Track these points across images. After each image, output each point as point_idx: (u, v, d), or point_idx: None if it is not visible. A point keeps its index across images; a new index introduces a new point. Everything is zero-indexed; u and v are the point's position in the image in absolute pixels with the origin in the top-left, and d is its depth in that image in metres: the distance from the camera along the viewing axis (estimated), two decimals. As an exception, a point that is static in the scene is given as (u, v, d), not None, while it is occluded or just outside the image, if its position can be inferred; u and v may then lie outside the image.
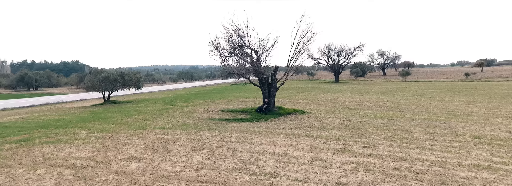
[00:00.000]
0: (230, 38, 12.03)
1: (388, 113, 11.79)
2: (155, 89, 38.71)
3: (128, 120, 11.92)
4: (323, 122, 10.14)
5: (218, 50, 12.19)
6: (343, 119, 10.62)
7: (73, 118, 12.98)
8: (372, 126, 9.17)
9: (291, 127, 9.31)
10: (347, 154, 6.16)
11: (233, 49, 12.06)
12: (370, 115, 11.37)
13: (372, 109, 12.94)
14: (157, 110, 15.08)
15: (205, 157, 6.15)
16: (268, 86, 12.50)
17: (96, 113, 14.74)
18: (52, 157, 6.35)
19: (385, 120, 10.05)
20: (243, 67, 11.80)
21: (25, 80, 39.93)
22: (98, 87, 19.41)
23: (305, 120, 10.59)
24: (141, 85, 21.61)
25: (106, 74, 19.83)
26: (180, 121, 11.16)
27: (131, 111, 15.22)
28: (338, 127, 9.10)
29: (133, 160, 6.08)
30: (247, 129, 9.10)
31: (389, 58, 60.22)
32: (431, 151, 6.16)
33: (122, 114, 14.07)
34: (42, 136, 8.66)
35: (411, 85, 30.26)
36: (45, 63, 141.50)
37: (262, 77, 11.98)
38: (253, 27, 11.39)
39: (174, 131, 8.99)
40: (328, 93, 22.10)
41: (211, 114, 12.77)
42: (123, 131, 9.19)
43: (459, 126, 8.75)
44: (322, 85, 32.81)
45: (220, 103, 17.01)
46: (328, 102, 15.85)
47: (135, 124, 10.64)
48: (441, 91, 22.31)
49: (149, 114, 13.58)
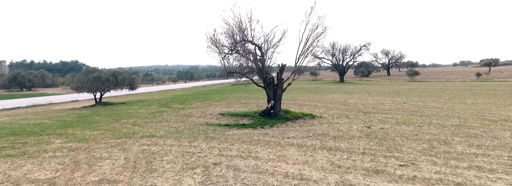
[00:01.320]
0: (231, 33, 10.62)
1: (411, 117, 10.36)
2: (153, 89, 37.34)
3: (116, 125, 10.53)
4: (339, 129, 8.72)
5: (217, 47, 10.78)
6: (361, 125, 9.20)
7: (55, 123, 11.60)
8: (399, 134, 7.74)
9: (303, 136, 7.89)
10: (382, 176, 4.73)
11: (234, 46, 10.65)
12: (390, 120, 9.93)
13: (391, 113, 11.50)
14: (150, 113, 13.68)
15: (198, 180, 4.74)
16: (273, 87, 11.09)
17: (83, 116, 13.36)
18: (1, 179, 4.94)
19: (411, 127, 8.62)
20: (246, 65, 10.38)
21: (18, 80, 38.27)
22: (88, 87, 18.03)
23: (317, 126, 9.17)
24: (135, 85, 20.21)
25: (98, 74, 18.43)
26: (173, 127, 9.76)
27: (121, 114, 13.83)
28: (358, 136, 7.68)
29: (104, 184, 4.66)
30: (251, 138, 7.69)
31: (394, 58, 58.68)
32: (493, 173, 4.73)
33: (111, 117, 12.68)
34: (7, 147, 7.26)
35: (422, 86, 28.70)
36: (44, 63, 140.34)
37: (266, 77, 10.56)
38: (257, 19, 9.95)
39: (165, 141, 7.59)
40: (335, 93, 20.66)
41: (210, 118, 11.36)
42: (104, 140, 7.78)
43: (506, 135, 7.31)
44: (328, 86, 31.34)
45: (219, 105, 15.60)
46: (339, 104, 14.42)
47: (122, 131, 9.24)
48: (457, 92, 20.82)
49: (141, 117, 12.18)
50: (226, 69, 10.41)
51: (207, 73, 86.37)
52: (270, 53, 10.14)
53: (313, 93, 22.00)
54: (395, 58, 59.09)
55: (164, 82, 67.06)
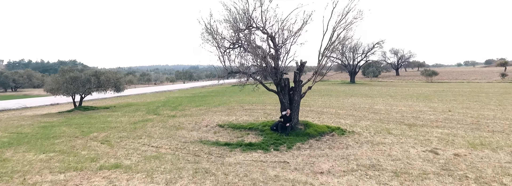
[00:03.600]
0: (234, 21, 7.86)
1: (481, 134, 7.59)
2: (147, 90, 34.60)
3: (79, 142, 7.83)
4: (391, 154, 5.97)
5: (215, 39, 8.03)
6: (420, 147, 6.44)
7: (6, 136, 8.94)
8: (496, 168, 4.98)
9: (343, 169, 5.15)
10: None
11: (237, 36, 7.90)
12: (455, 139, 7.17)
13: (445, 126, 8.74)
14: (132, 122, 10.96)
15: None
16: (289, 92, 8.34)
17: (47, 127, 10.66)
18: None
19: (501, 153, 5.86)
20: (253, 63, 7.63)
21: (1, 80, 35.39)
22: (65, 89, 15.29)
23: (356, 150, 6.42)
24: (122, 87, 17.47)
25: (76, 74, 15.70)
26: (153, 147, 7.05)
27: (97, 123, 11.12)
28: (432, 172, 4.93)
29: None
30: (265, 174, 4.97)
31: (404, 57, 55.74)
32: None
33: (81, 128, 10.01)
34: None
35: (447, 88, 25.50)
36: (42, 62, 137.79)
37: (281, 80, 7.80)
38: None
39: (131, 176, 4.86)
40: (353, 97, 17.86)
41: (205, 132, 8.64)
42: (40, 175, 5.06)
43: None
44: (339, 87, 28.44)
45: (218, 111, 12.87)
46: (367, 112, 11.65)
47: (79, 154, 6.54)
48: (497, 95, 17.92)
49: (118, 129, 9.48)
50: (226, 68, 7.66)
51: (207, 73, 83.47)
52: (288, 44, 7.36)
53: (326, 95, 19.20)
54: (405, 57, 56.19)
55: (162, 83, 64.25)
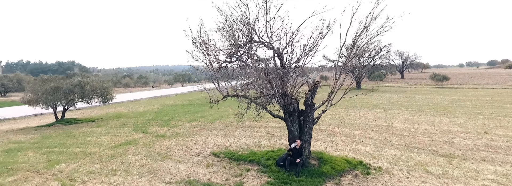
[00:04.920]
0: (231, 31, 6.22)
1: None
2: (143, 96, 32.92)
3: (35, 182, 6.20)
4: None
5: (207, 52, 6.39)
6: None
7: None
8: None
9: None
10: None
11: (236, 49, 6.27)
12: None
13: (492, 159, 7.09)
14: (113, 146, 9.35)
15: None
16: (299, 118, 6.73)
17: (11, 152, 9.13)
18: None
19: None
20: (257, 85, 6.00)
21: (-13, 85, 33.13)
22: (44, 101, 13.66)
23: (393, 206, 4.76)
24: (109, 97, 15.83)
25: (57, 84, 14.06)
26: (125, 196, 5.41)
27: (72, 145, 9.53)
28: None
29: None
30: None
31: (409, 60, 53.89)
32: None
33: (50, 155, 8.46)
34: None
35: (462, 95, 22.64)
36: (40, 63, 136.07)
37: (290, 105, 6.16)
38: (276, 4, 5.54)
39: None
40: (364, 108, 16.18)
41: (195, 166, 7.02)
42: None
43: None
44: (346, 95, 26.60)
45: (214, 130, 11.25)
46: (386, 134, 10.00)
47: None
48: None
49: (92, 159, 7.87)
50: (221, 92, 6.02)
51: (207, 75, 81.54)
52: (302, 61, 5.72)
53: (334, 106, 17.48)
54: (410, 59, 54.35)
55: (159, 85, 62.57)
